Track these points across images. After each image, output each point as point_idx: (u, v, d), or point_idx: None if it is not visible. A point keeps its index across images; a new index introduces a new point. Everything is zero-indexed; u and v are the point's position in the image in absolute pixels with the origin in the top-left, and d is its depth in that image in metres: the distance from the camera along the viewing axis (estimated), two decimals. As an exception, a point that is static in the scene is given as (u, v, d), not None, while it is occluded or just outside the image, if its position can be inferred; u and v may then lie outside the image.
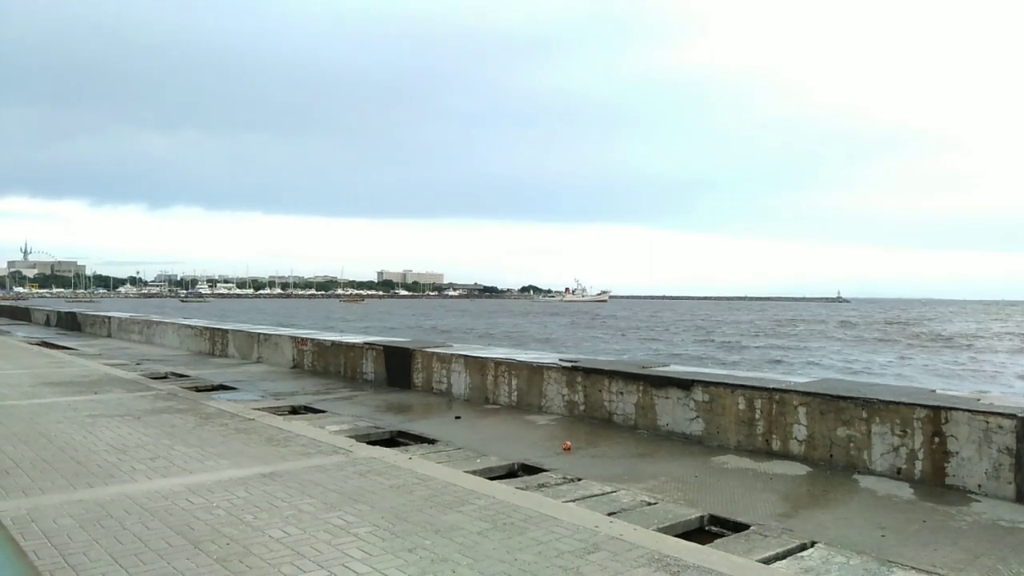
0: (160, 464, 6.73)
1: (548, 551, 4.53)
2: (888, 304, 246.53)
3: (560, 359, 11.57)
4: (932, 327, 74.34)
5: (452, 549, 4.56)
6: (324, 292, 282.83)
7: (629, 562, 4.36)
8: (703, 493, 6.65)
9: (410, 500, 5.62)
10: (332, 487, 5.97)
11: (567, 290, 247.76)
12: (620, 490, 6.59)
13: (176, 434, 8.10)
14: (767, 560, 4.86)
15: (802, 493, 6.74)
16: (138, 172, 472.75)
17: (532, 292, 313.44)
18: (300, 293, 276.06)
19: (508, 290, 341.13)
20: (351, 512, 5.29)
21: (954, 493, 6.65)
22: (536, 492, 6.30)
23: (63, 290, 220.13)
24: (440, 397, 12.35)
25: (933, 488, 6.79)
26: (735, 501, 6.39)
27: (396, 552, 4.50)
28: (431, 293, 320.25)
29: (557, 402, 10.59)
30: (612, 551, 4.54)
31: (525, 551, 4.53)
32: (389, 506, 5.45)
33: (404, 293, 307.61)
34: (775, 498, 6.53)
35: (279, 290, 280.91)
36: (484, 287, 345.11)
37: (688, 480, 7.12)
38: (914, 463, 7.04)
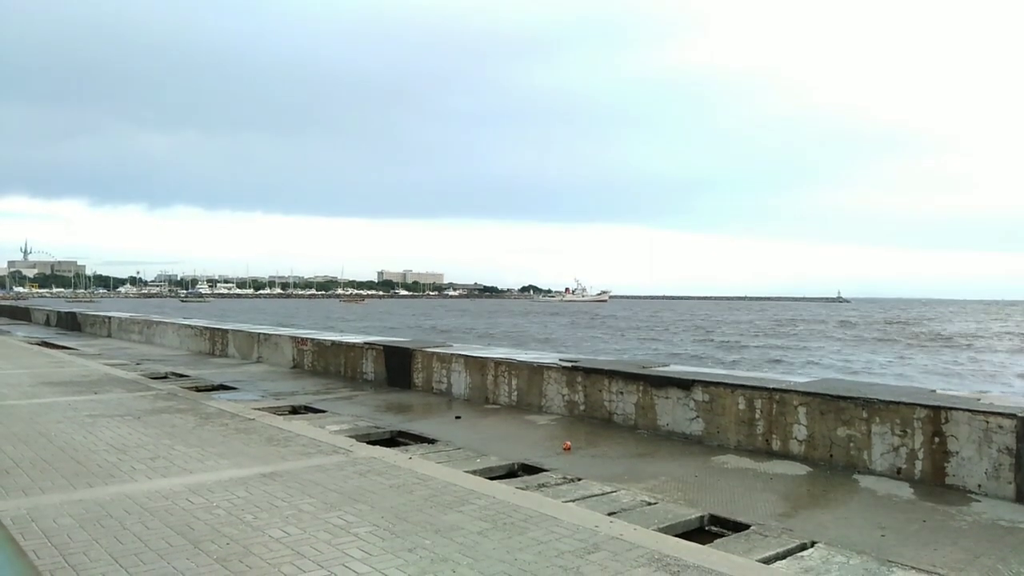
0: (160, 464, 6.73)
1: (548, 551, 4.53)
2: (888, 304, 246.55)
3: (560, 359, 11.57)
4: (932, 327, 74.37)
5: (452, 549, 4.56)
6: (324, 292, 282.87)
7: (629, 562, 4.37)
8: (703, 493, 6.65)
9: (410, 500, 5.62)
10: (332, 487, 5.97)
11: (567, 290, 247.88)
12: (620, 490, 6.59)
13: (176, 434, 8.10)
14: (767, 560, 4.86)
15: (802, 493, 6.74)
16: (138, 172, 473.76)
17: (532, 292, 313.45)
18: (300, 293, 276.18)
19: (508, 290, 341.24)
20: (351, 512, 5.29)
21: (954, 493, 6.65)
22: (536, 492, 6.30)
23: (63, 290, 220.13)
24: (440, 397, 12.35)
25: (933, 488, 6.79)
26: (735, 501, 6.39)
27: (396, 552, 4.50)
28: (431, 293, 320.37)
29: (557, 402, 10.60)
30: (612, 551, 4.55)
31: (525, 551, 4.53)
32: (389, 506, 5.45)
33: (404, 293, 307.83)
34: (775, 498, 6.53)
35: (279, 290, 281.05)
36: (484, 287, 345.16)
37: (688, 480, 7.12)
38: (914, 463, 7.04)
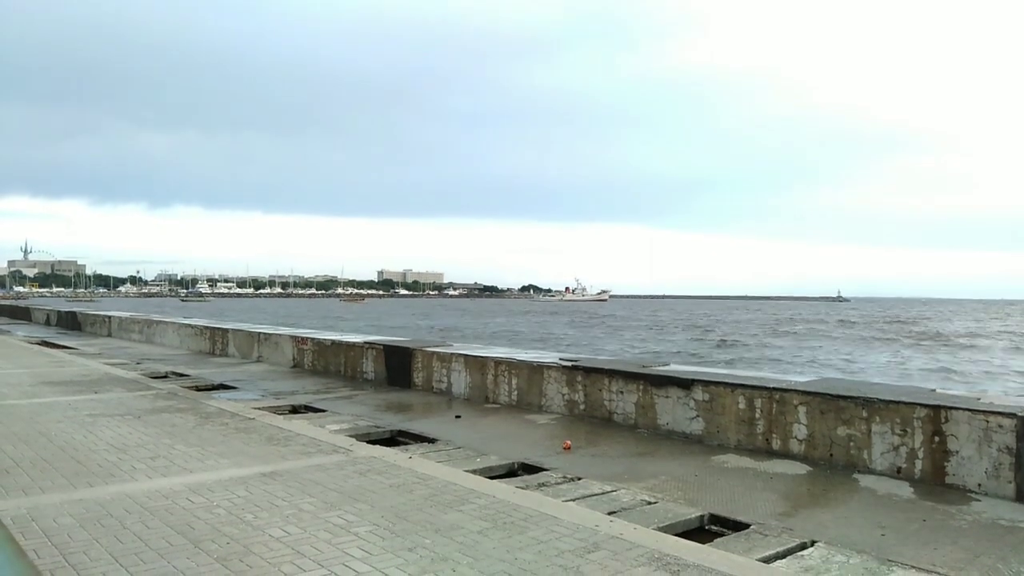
0: (160, 463, 6.73)
1: (548, 550, 4.53)
2: (888, 303, 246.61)
3: (560, 358, 11.57)
4: (932, 326, 74.38)
5: (452, 548, 4.56)
6: (324, 291, 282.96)
7: (629, 561, 4.37)
8: (703, 492, 6.65)
9: (410, 499, 5.62)
10: (332, 486, 5.97)
11: (567, 289, 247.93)
12: (620, 489, 6.59)
13: (176, 433, 8.10)
14: (767, 559, 4.86)
15: (802, 492, 6.74)
16: (138, 172, 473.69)
17: (532, 291, 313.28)
18: (300, 292, 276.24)
19: (508, 289, 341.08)
20: (351, 511, 5.29)
21: (954, 492, 6.65)
22: (536, 491, 6.30)
23: (63, 289, 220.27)
24: (440, 396, 12.35)
25: (933, 487, 6.79)
26: (735, 500, 6.39)
27: (396, 551, 4.50)
28: (431, 292, 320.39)
29: (557, 401, 10.59)
30: (612, 550, 4.55)
31: (525, 550, 4.53)
32: (389, 505, 5.45)
33: (404, 292, 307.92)
34: (775, 497, 6.53)
35: (279, 289, 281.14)
36: (484, 286, 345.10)
37: (688, 479, 7.12)
38: (914, 462, 7.04)
